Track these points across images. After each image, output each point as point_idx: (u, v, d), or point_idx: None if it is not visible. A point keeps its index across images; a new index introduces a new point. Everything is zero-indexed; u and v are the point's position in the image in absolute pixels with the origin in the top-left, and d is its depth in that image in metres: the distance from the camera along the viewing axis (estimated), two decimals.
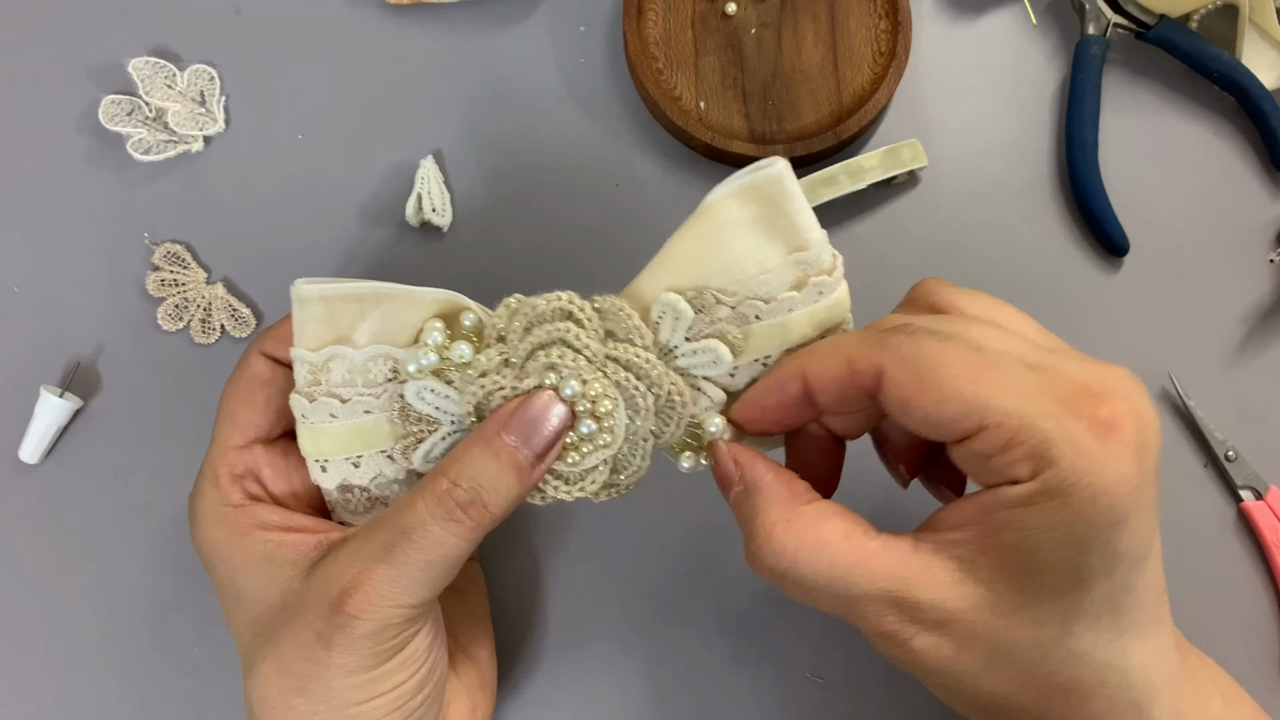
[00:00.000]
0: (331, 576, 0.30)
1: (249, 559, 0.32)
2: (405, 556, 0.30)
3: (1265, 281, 0.47)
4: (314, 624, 0.30)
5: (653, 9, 0.47)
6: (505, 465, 0.30)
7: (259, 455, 0.34)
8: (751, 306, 0.31)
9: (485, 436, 0.30)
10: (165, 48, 0.47)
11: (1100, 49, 0.47)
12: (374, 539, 0.30)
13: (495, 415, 0.31)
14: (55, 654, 0.41)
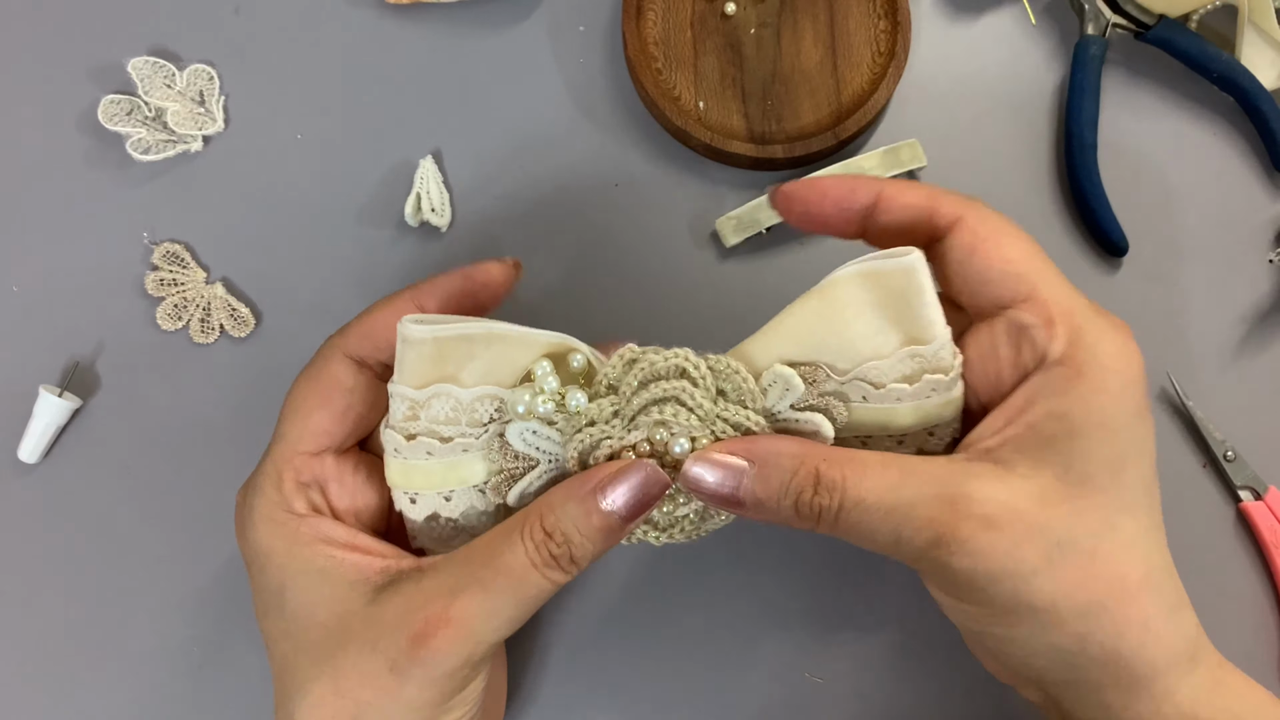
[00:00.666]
0: (415, 607, 0.29)
1: (305, 571, 0.31)
2: (500, 595, 0.29)
3: (1265, 281, 0.46)
4: (388, 652, 0.29)
5: (652, 9, 0.47)
6: (597, 526, 0.30)
7: (329, 466, 0.32)
8: (859, 387, 0.31)
9: (582, 495, 0.30)
10: (164, 47, 0.47)
11: (1099, 49, 0.47)
12: (464, 573, 0.29)
13: (595, 472, 0.30)
14: (54, 654, 0.41)
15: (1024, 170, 0.48)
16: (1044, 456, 0.28)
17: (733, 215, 0.45)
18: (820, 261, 0.46)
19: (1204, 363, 0.45)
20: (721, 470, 0.30)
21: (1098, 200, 0.46)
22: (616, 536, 0.30)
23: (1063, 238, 0.47)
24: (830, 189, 0.32)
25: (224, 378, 0.44)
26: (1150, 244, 0.47)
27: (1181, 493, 0.44)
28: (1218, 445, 0.44)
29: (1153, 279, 0.46)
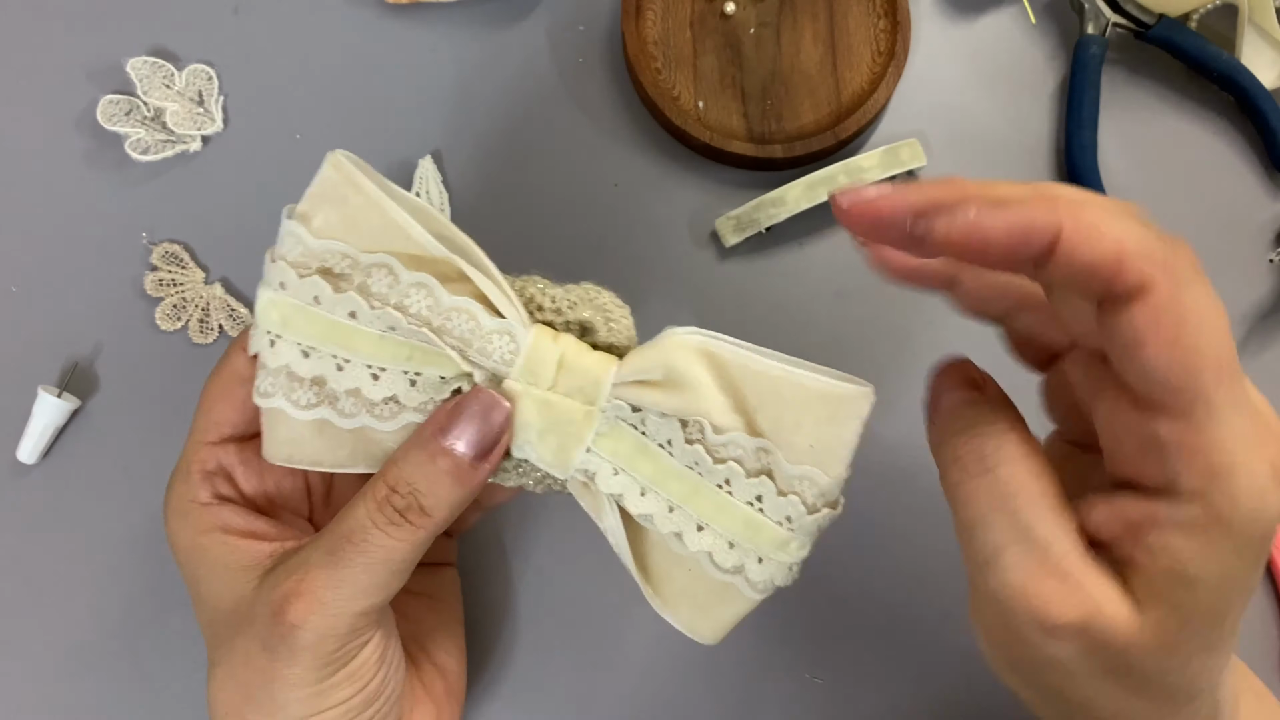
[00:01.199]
0: (277, 583, 0.29)
1: (208, 560, 0.31)
2: (347, 562, 0.29)
3: (1265, 281, 0.46)
4: (260, 633, 0.29)
5: (651, 9, 0.47)
6: (445, 469, 0.29)
7: (232, 452, 0.33)
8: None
9: (423, 439, 0.29)
10: (163, 47, 0.47)
11: (1099, 48, 0.47)
12: (320, 546, 0.30)
13: (431, 417, 0.29)
14: (54, 654, 0.41)
15: (1023, 169, 0.48)
16: (1156, 585, 0.24)
17: (732, 215, 0.45)
18: (820, 261, 0.46)
19: None
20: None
21: None
22: (470, 479, 0.29)
23: None
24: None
25: None
26: None
27: None
28: None
29: None
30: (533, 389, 0.30)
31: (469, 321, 0.29)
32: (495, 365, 0.29)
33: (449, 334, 0.29)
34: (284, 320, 0.30)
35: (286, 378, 0.30)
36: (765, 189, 0.46)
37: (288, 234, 0.30)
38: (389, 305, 0.29)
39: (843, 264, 0.46)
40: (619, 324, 0.31)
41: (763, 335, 0.44)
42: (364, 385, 0.30)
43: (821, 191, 0.44)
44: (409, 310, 0.29)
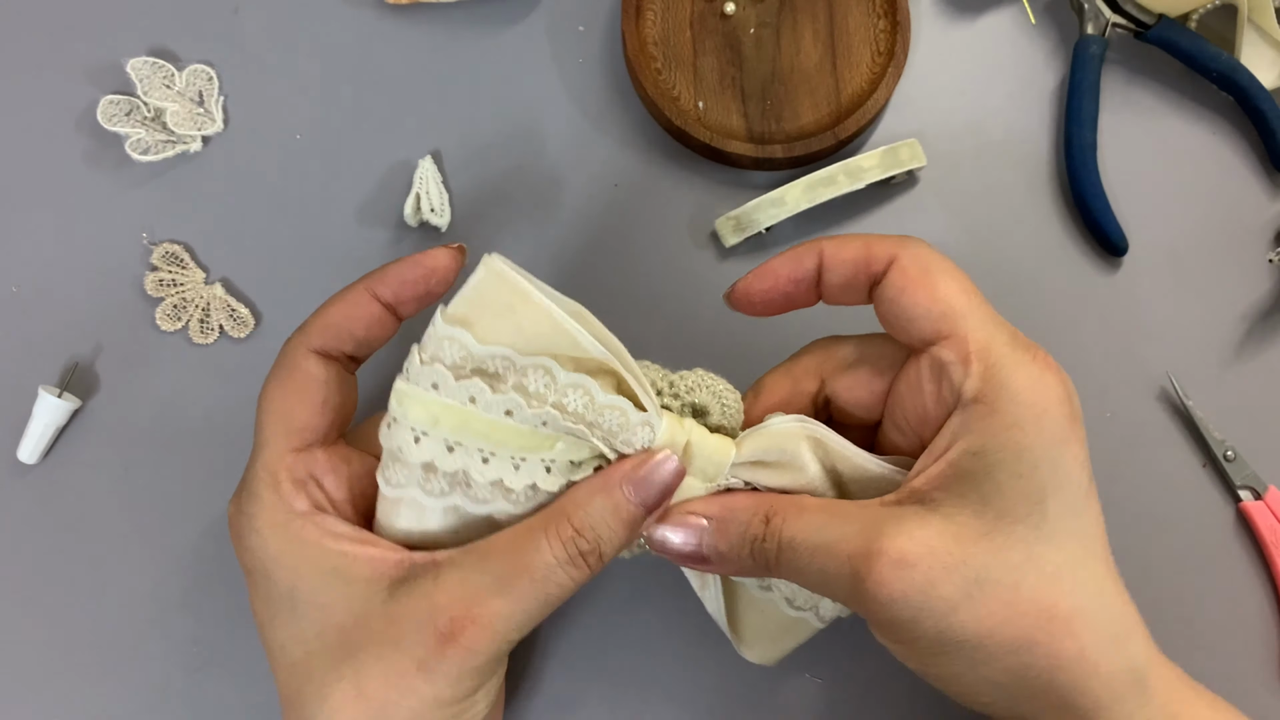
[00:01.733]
0: (440, 606, 0.29)
1: (317, 571, 0.30)
2: (527, 594, 0.29)
3: (1264, 281, 0.46)
4: (414, 651, 0.29)
5: (651, 9, 0.47)
6: (625, 519, 0.31)
7: (320, 460, 0.32)
8: None
9: (609, 488, 0.31)
10: (164, 48, 0.47)
11: (1099, 49, 0.47)
12: (488, 570, 0.29)
13: (618, 467, 0.31)
14: (54, 654, 0.41)
15: (1024, 170, 0.48)
16: (963, 493, 0.28)
17: (732, 215, 0.45)
18: None
19: (1204, 363, 0.45)
20: (684, 530, 0.31)
21: (1097, 200, 0.46)
22: (638, 529, 0.31)
23: (1062, 238, 0.47)
24: (779, 268, 0.33)
25: (223, 378, 0.44)
26: (1150, 244, 0.47)
27: (1181, 493, 0.44)
28: (1217, 445, 0.44)
29: (1152, 279, 0.46)
30: None
31: (620, 417, 0.32)
32: (636, 452, 0.32)
33: (599, 427, 0.32)
34: (434, 419, 0.31)
35: (423, 470, 0.31)
36: (765, 189, 0.46)
37: (447, 338, 0.31)
38: (548, 404, 0.31)
39: None
40: (731, 408, 0.34)
41: (762, 335, 0.45)
42: (506, 476, 0.32)
43: (822, 192, 0.44)
44: (567, 409, 0.31)
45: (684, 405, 0.34)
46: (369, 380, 0.37)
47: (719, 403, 0.34)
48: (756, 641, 0.37)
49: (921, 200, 0.47)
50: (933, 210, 0.47)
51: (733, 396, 0.34)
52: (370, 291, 0.33)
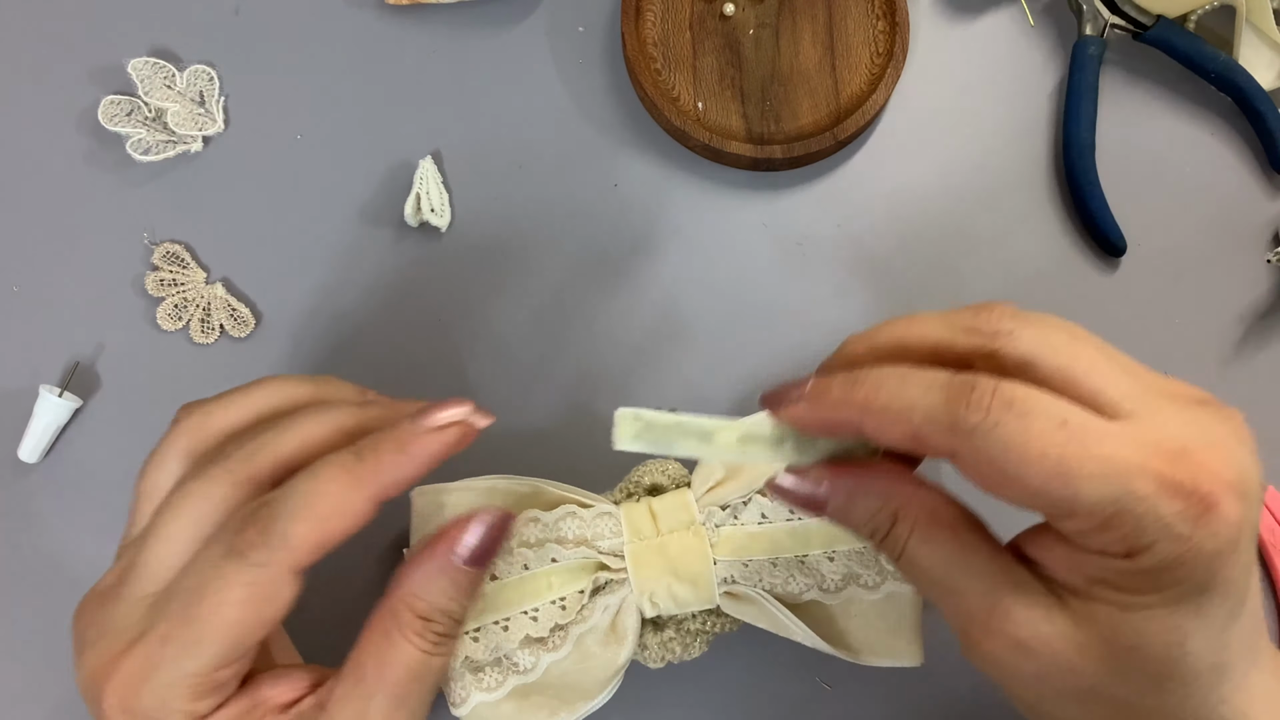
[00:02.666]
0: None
1: None
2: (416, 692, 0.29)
3: (1263, 281, 0.47)
4: None
5: (651, 10, 0.47)
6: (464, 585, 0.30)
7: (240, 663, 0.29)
8: None
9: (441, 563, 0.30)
10: (165, 48, 0.48)
11: (1097, 50, 0.47)
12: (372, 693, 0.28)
13: (438, 539, 0.30)
14: (54, 654, 0.42)
15: (1022, 170, 0.48)
16: (1092, 615, 0.26)
17: (643, 416, 0.30)
18: (822, 253, 0.46)
19: (1202, 363, 0.46)
20: (812, 484, 0.29)
21: (1096, 200, 0.46)
22: (479, 584, 0.30)
23: (1061, 238, 0.47)
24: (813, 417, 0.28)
25: (224, 378, 0.44)
26: (1149, 244, 0.47)
27: None
28: None
29: (1151, 279, 0.46)
30: (643, 541, 0.36)
31: (611, 521, 0.36)
32: (613, 544, 0.36)
33: (594, 542, 0.36)
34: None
35: (470, 671, 0.35)
36: (765, 189, 0.47)
37: None
38: (550, 541, 0.36)
39: (842, 263, 0.46)
40: (674, 470, 0.38)
41: (765, 338, 0.45)
42: (529, 629, 0.35)
43: (758, 452, 0.31)
44: (566, 538, 0.36)
45: (641, 490, 0.38)
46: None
47: (665, 475, 0.38)
48: (876, 646, 0.37)
49: (920, 200, 0.47)
50: (931, 210, 0.47)
51: (674, 465, 0.38)
52: (373, 501, 0.29)
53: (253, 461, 0.29)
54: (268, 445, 0.29)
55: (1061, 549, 0.27)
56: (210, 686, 0.28)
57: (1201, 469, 0.24)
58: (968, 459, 0.25)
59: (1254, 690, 0.27)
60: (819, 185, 0.47)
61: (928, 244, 0.46)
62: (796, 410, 0.29)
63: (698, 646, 0.37)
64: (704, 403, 0.44)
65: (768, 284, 0.46)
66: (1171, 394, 0.26)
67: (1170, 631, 0.25)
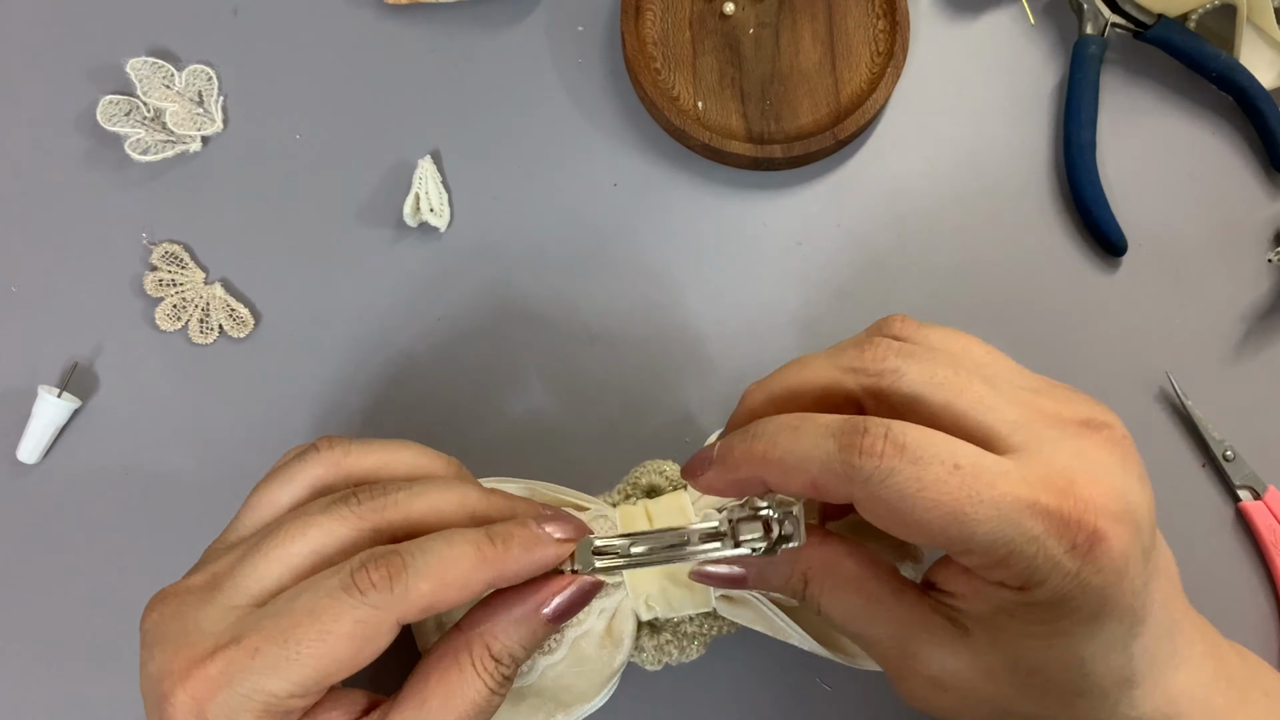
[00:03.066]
0: None
1: None
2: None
3: (1263, 281, 0.46)
4: None
5: (650, 9, 0.47)
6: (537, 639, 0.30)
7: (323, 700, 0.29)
8: None
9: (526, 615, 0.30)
10: (163, 48, 0.47)
11: (1098, 49, 0.47)
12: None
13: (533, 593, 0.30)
14: (54, 654, 0.41)
15: (1022, 170, 0.48)
16: (997, 642, 0.27)
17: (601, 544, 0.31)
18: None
19: (1203, 363, 0.45)
20: (725, 581, 0.32)
21: (1096, 200, 0.46)
22: (547, 638, 0.33)
23: (1061, 238, 0.47)
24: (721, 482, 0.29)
25: (223, 378, 0.44)
26: (1149, 244, 0.47)
27: (1181, 493, 0.44)
28: (1217, 445, 0.44)
29: (1152, 279, 0.46)
30: None
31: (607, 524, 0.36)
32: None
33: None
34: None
35: None
36: (765, 188, 0.46)
37: None
38: None
39: (842, 263, 0.46)
40: (671, 470, 0.38)
41: (758, 342, 0.45)
42: None
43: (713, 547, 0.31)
44: None
45: (639, 491, 0.38)
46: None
47: (662, 476, 0.38)
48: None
49: (919, 201, 0.47)
50: (930, 211, 0.47)
51: (671, 465, 0.39)
52: (489, 585, 0.29)
53: (383, 513, 0.30)
54: (401, 503, 0.30)
55: (965, 579, 0.28)
56: (280, 711, 0.27)
57: (1087, 504, 0.25)
58: (866, 506, 0.26)
59: (1176, 690, 0.28)
60: (819, 185, 0.47)
61: (928, 243, 0.46)
62: (708, 478, 0.29)
63: (695, 649, 0.37)
64: (704, 402, 0.44)
65: (768, 283, 0.46)
66: (1060, 418, 0.27)
67: (1068, 655, 0.26)
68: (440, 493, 0.31)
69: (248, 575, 0.29)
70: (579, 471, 0.43)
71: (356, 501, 0.30)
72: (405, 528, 0.30)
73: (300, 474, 0.32)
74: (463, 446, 0.43)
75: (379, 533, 0.30)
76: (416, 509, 0.30)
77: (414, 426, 0.44)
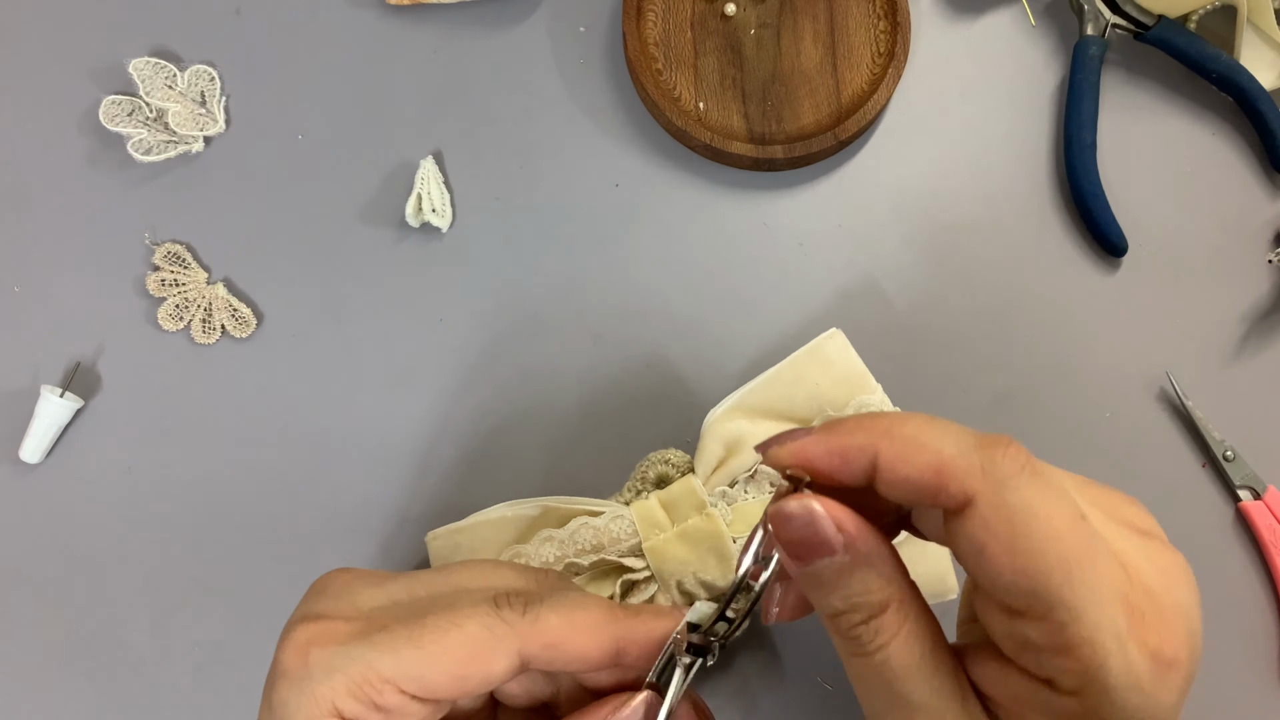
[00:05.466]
0: None
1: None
2: None
3: (1263, 281, 0.47)
4: None
5: (652, 9, 0.47)
6: None
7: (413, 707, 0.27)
8: None
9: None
10: (166, 48, 0.48)
11: (1099, 49, 0.47)
12: None
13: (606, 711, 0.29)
14: (54, 654, 0.42)
15: (1023, 170, 0.48)
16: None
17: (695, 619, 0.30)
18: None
19: (1203, 363, 0.46)
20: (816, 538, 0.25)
21: (1097, 200, 0.46)
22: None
23: (1062, 238, 0.47)
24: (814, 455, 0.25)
25: (225, 378, 0.44)
26: (1150, 244, 0.47)
27: (1181, 493, 0.44)
28: (1217, 445, 0.44)
29: (1152, 279, 0.46)
30: (660, 535, 0.37)
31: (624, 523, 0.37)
32: (632, 544, 0.37)
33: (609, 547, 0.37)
34: None
35: None
36: (766, 189, 0.47)
37: None
38: (569, 557, 0.37)
39: (843, 263, 0.46)
40: (677, 458, 0.39)
41: (761, 330, 0.45)
42: None
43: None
44: (585, 550, 0.37)
45: (648, 484, 0.39)
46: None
47: (669, 465, 0.39)
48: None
49: (920, 201, 0.47)
50: (931, 211, 0.47)
51: (675, 453, 0.40)
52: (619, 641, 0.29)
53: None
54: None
55: (999, 673, 0.25)
56: (371, 694, 0.27)
57: (1170, 628, 0.23)
58: (984, 512, 0.23)
59: None
60: (820, 185, 0.47)
61: (929, 243, 0.46)
62: (804, 443, 0.26)
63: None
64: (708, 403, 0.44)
65: (769, 284, 0.46)
66: (1122, 519, 0.25)
67: None
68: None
69: (424, 584, 0.30)
70: (584, 471, 0.43)
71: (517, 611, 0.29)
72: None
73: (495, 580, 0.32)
74: (464, 447, 0.43)
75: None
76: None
77: (415, 428, 0.44)
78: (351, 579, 0.30)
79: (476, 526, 0.38)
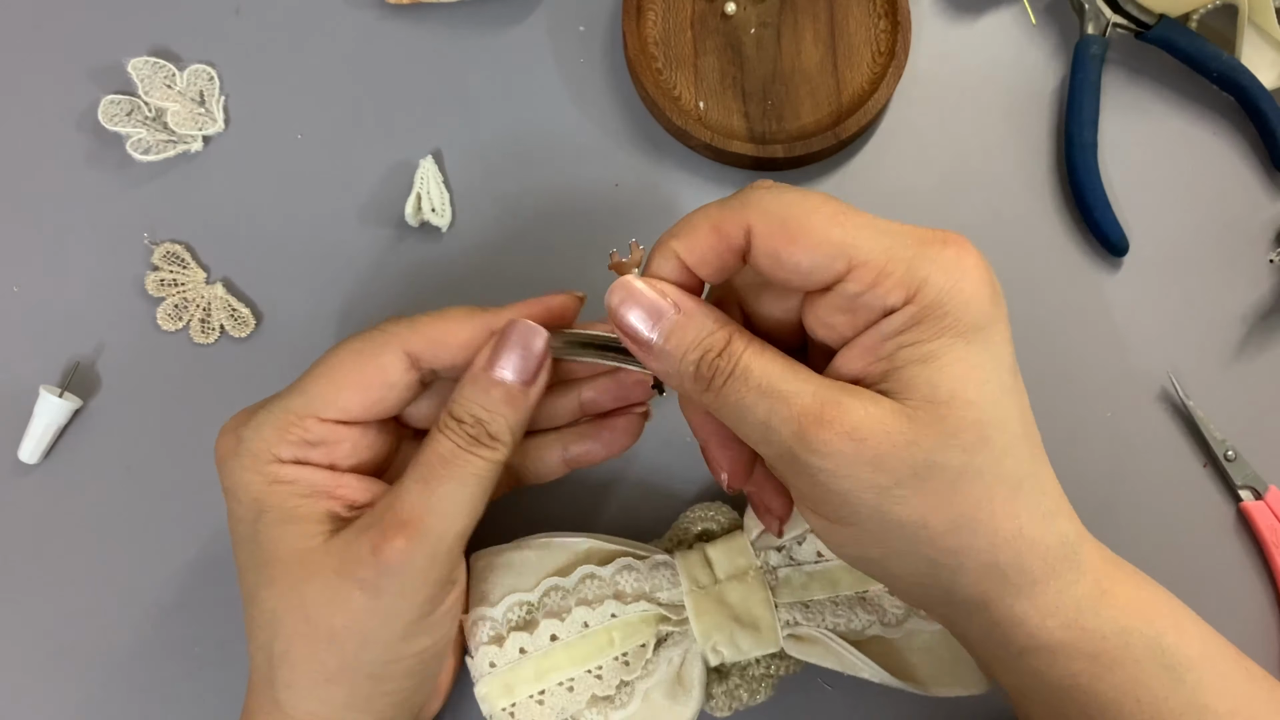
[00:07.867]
0: (369, 524, 0.31)
1: (277, 508, 0.32)
2: (440, 482, 0.31)
3: (1265, 281, 0.46)
4: (354, 573, 0.30)
5: (652, 9, 0.47)
6: (498, 397, 0.32)
7: (338, 431, 0.33)
8: None
9: (474, 375, 0.33)
10: (165, 48, 0.47)
11: (1099, 49, 0.47)
12: (410, 479, 0.32)
13: (479, 353, 0.33)
14: (54, 654, 0.42)
15: (1024, 170, 0.48)
16: (908, 385, 0.28)
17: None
18: None
19: (1204, 363, 0.45)
20: (645, 308, 0.30)
21: (1097, 200, 0.46)
22: (523, 402, 0.33)
23: (1063, 237, 0.47)
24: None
25: (224, 378, 0.44)
26: (1150, 244, 0.47)
27: (1182, 492, 0.44)
28: (1218, 445, 0.44)
29: (1153, 279, 0.46)
30: (702, 590, 0.36)
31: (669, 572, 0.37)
32: (672, 594, 0.36)
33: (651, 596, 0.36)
34: (508, 688, 0.36)
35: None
36: None
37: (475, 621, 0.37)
38: (608, 598, 0.36)
39: None
40: (722, 515, 0.39)
41: None
42: (595, 688, 0.36)
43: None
44: (625, 594, 0.36)
45: (693, 538, 0.39)
46: None
47: (714, 521, 0.39)
48: (942, 677, 0.37)
49: (921, 200, 0.47)
50: (932, 211, 0.47)
51: (719, 510, 0.39)
52: (491, 325, 0.34)
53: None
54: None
55: (858, 346, 0.29)
56: (298, 433, 0.32)
57: (949, 239, 0.28)
58: (760, 233, 0.28)
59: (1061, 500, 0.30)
60: (821, 185, 0.47)
61: None
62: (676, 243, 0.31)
63: (764, 691, 0.37)
64: None
65: None
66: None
67: (973, 369, 0.28)
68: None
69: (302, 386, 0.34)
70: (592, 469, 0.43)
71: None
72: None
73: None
74: None
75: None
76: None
77: None
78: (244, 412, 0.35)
79: (519, 549, 0.38)
